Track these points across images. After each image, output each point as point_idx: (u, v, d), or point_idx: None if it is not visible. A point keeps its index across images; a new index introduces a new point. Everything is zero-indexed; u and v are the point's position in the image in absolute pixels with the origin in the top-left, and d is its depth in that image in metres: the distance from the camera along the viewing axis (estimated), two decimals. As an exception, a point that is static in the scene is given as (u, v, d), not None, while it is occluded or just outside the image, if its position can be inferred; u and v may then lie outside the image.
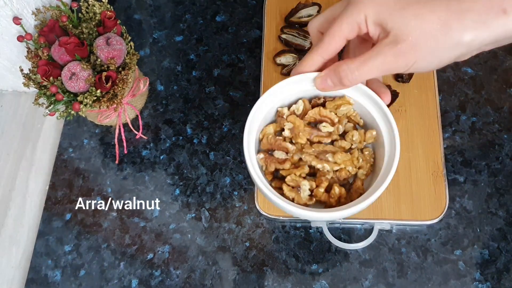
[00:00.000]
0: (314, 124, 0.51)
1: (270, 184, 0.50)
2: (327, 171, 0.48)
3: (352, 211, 0.45)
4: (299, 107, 0.51)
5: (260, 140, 0.52)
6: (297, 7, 0.72)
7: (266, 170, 0.51)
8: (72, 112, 0.59)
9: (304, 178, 0.49)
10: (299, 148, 0.50)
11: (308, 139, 0.50)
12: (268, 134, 0.51)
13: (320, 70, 0.47)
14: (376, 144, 0.51)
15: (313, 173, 0.50)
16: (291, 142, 0.51)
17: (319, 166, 0.48)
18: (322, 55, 0.45)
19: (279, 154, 0.50)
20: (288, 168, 0.49)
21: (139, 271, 0.62)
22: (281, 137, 0.51)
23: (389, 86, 0.67)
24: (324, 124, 0.50)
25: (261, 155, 0.50)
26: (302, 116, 0.51)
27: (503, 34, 0.38)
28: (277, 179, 0.51)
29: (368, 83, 0.49)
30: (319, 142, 0.50)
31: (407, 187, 0.63)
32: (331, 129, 0.50)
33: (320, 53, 0.45)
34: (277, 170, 0.51)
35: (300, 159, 0.50)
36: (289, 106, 0.52)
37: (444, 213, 0.61)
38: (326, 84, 0.47)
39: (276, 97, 0.51)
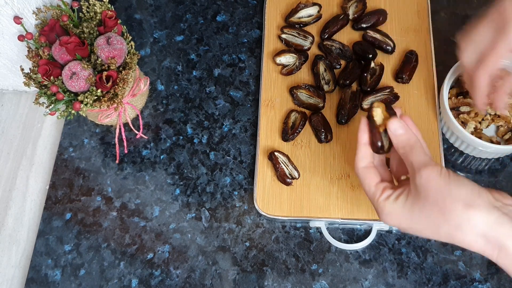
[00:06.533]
0: None
1: None
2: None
3: None
4: None
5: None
6: (297, 7, 0.72)
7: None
8: (73, 111, 0.59)
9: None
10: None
11: None
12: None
13: None
14: None
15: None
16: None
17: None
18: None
19: (464, 109, 0.65)
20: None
21: (139, 271, 0.62)
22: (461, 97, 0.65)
23: (391, 88, 0.67)
24: None
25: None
26: None
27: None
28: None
29: None
30: None
31: (407, 187, 0.63)
32: None
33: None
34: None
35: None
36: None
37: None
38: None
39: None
